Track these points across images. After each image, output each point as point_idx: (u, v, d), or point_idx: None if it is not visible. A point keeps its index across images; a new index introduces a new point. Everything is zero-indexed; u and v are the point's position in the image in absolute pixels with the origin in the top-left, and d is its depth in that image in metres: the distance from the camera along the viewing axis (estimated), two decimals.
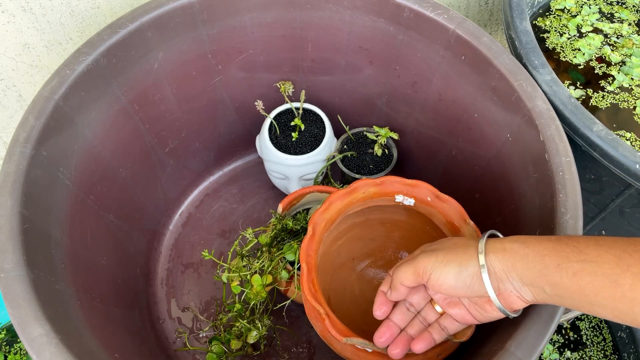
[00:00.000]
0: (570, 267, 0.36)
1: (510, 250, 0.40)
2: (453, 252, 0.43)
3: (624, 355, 0.81)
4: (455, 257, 0.42)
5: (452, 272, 0.42)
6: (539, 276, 0.38)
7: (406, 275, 0.45)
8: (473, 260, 0.41)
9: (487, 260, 0.40)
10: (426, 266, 0.43)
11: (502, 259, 0.40)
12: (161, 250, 0.78)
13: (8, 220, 0.47)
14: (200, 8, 0.62)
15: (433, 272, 0.43)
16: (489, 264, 0.40)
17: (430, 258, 0.43)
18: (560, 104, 0.57)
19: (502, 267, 0.40)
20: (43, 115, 0.52)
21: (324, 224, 0.55)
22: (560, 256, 0.37)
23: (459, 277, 0.41)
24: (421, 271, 0.44)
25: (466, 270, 0.41)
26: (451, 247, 0.44)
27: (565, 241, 0.38)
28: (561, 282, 0.37)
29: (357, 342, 0.49)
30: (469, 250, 0.42)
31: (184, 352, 0.70)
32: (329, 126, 0.74)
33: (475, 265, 0.41)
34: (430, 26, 0.61)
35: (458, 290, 0.42)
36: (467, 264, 0.41)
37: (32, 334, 0.42)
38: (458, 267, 0.42)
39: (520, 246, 0.40)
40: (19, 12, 0.65)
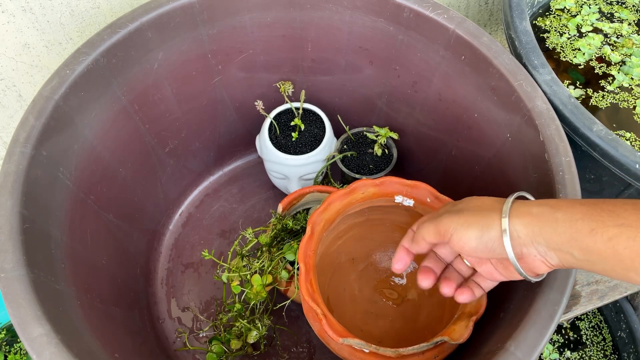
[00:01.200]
0: (606, 231, 0.35)
1: (538, 215, 0.39)
2: (477, 214, 0.42)
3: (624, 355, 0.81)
4: (478, 220, 0.41)
5: (473, 234, 0.41)
6: (569, 241, 0.37)
7: (429, 232, 0.44)
8: (495, 224, 0.40)
9: (511, 224, 0.39)
10: (448, 227, 0.42)
11: (528, 223, 0.39)
12: (161, 250, 0.78)
13: (8, 220, 0.47)
14: (200, 8, 0.62)
15: (455, 234, 0.42)
16: (512, 229, 0.39)
17: (453, 219, 0.42)
18: (560, 104, 0.57)
19: (527, 232, 0.39)
20: (43, 115, 0.52)
21: (322, 224, 0.55)
22: (595, 220, 0.36)
23: (480, 240, 0.41)
24: (443, 231, 0.43)
25: (488, 233, 0.40)
26: (475, 208, 0.43)
27: (600, 205, 0.37)
28: (594, 247, 0.36)
29: (353, 343, 0.49)
30: (493, 213, 0.41)
31: (184, 352, 0.70)
32: (329, 126, 0.74)
33: (497, 229, 0.40)
34: (430, 26, 0.61)
35: (479, 252, 0.41)
36: (489, 228, 0.40)
37: (32, 333, 0.42)
38: (480, 230, 0.40)
39: (550, 210, 0.38)
40: (19, 12, 0.65)
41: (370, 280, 0.66)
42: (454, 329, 0.49)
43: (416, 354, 0.50)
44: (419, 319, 0.62)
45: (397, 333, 0.62)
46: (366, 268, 0.67)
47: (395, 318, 0.63)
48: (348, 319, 0.62)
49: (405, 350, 0.49)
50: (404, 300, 0.64)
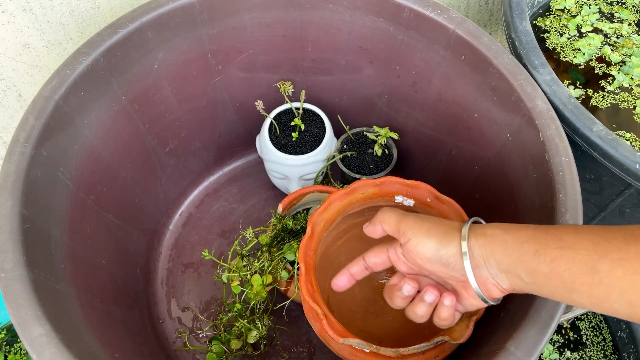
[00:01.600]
0: (549, 253, 0.36)
1: (491, 236, 0.40)
2: (437, 227, 0.43)
3: (624, 355, 0.81)
4: (438, 233, 0.42)
5: (431, 244, 0.42)
6: (516, 262, 0.38)
7: (389, 219, 0.45)
8: (454, 241, 0.41)
9: (469, 244, 0.40)
10: (408, 228, 0.43)
11: (482, 244, 0.40)
12: (161, 250, 0.78)
13: (8, 220, 0.47)
14: (200, 8, 0.62)
15: (413, 238, 0.43)
16: (470, 249, 0.40)
17: (416, 224, 0.43)
18: (560, 104, 0.57)
19: (481, 253, 0.40)
20: (43, 115, 0.52)
21: (322, 224, 0.55)
22: (538, 243, 0.37)
23: (437, 252, 0.42)
24: (403, 230, 0.44)
25: (445, 248, 0.41)
26: (437, 222, 0.44)
27: (544, 229, 0.38)
28: (539, 268, 0.37)
29: (354, 343, 0.49)
30: (452, 231, 0.42)
31: (184, 352, 0.70)
32: (329, 126, 0.74)
33: (456, 247, 0.41)
34: (430, 26, 0.61)
35: (433, 264, 0.42)
36: (447, 243, 0.41)
37: (32, 333, 0.42)
38: (438, 242, 0.42)
39: (501, 232, 0.40)
40: (19, 12, 0.65)
41: (371, 280, 0.66)
42: (455, 329, 0.49)
43: (417, 353, 0.50)
44: None
45: (397, 333, 0.62)
46: None
47: (395, 318, 0.63)
48: (348, 319, 0.62)
49: (405, 350, 0.49)
50: None
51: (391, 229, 0.45)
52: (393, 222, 0.45)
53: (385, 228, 0.46)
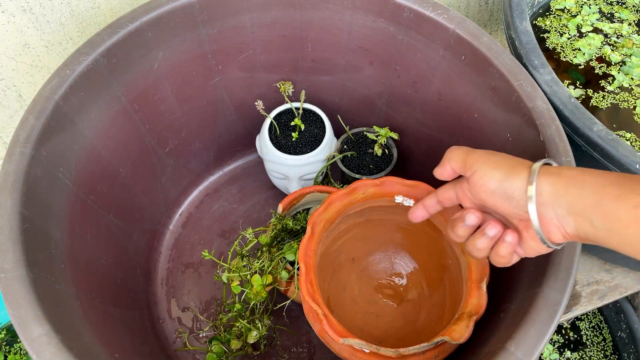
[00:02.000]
0: (632, 199, 0.35)
1: (566, 176, 0.38)
2: (506, 160, 0.42)
3: (624, 355, 0.81)
4: (505, 165, 0.41)
5: (496, 176, 0.41)
6: (592, 205, 0.36)
7: (457, 156, 0.45)
8: (522, 174, 0.40)
9: (538, 180, 0.39)
10: (475, 160, 0.43)
11: (554, 182, 0.38)
12: (161, 250, 0.78)
13: (8, 220, 0.47)
14: (200, 8, 0.62)
15: (479, 170, 0.42)
16: (538, 185, 0.39)
17: (483, 157, 0.43)
18: (560, 104, 0.57)
19: (551, 191, 0.38)
20: (43, 115, 0.52)
21: (322, 224, 0.55)
22: (623, 188, 0.35)
23: (501, 183, 0.40)
24: (470, 163, 0.43)
25: (510, 180, 0.40)
26: (505, 156, 0.43)
27: (629, 176, 0.36)
28: (617, 213, 0.35)
29: (354, 343, 0.49)
30: (520, 165, 0.41)
31: (184, 352, 0.70)
32: (329, 126, 0.74)
33: (522, 179, 0.40)
34: (430, 26, 0.61)
35: (496, 197, 0.41)
36: (513, 175, 0.40)
37: (32, 334, 0.42)
38: (505, 174, 0.40)
39: (579, 173, 0.38)
40: (19, 12, 0.65)
41: (371, 280, 0.66)
42: (455, 329, 0.49)
43: (417, 354, 0.50)
44: (419, 319, 0.62)
45: (397, 333, 0.62)
46: (366, 268, 0.67)
47: (395, 318, 0.63)
48: (348, 319, 0.62)
49: (405, 350, 0.49)
50: (404, 300, 0.64)
51: (458, 165, 0.45)
52: (460, 157, 0.44)
53: (453, 165, 0.45)
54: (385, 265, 0.67)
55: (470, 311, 0.50)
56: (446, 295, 0.61)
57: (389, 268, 0.66)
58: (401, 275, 0.66)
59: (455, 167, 0.45)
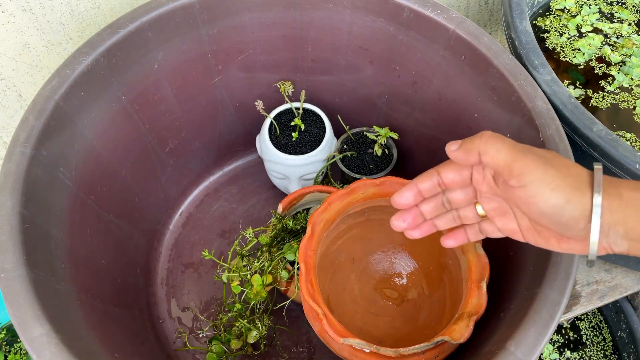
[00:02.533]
0: None
1: (627, 200, 0.34)
2: (564, 178, 0.34)
3: (624, 355, 0.81)
4: (565, 187, 0.34)
5: (554, 201, 0.34)
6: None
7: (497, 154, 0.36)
8: (583, 200, 0.34)
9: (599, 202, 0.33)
10: (527, 172, 0.35)
11: (615, 208, 0.34)
12: (161, 250, 0.78)
13: (8, 220, 0.47)
14: (200, 8, 0.62)
15: (531, 185, 0.35)
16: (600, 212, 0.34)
17: (539, 168, 0.35)
18: (560, 104, 0.57)
19: (610, 219, 0.34)
20: (43, 115, 0.52)
21: (322, 224, 0.55)
22: None
23: (559, 210, 0.34)
24: (518, 171, 0.35)
25: (572, 208, 0.34)
26: (564, 170, 0.35)
27: None
28: None
29: (354, 343, 0.49)
30: (581, 185, 0.34)
31: (184, 352, 0.70)
32: (329, 126, 0.74)
33: (583, 209, 0.34)
34: (430, 26, 0.61)
35: (544, 219, 0.35)
36: (575, 203, 0.34)
37: (32, 333, 0.42)
38: (565, 201, 0.34)
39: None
40: (19, 12, 0.65)
41: (371, 280, 0.66)
42: (455, 328, 0.49)
43: (417, 353, 0.50)
44: (419, 318, 0.62)
45: (397, 333, 0.62)
46: (366, 268, 0.67)
47: (395, 318, 0.63)
48: (348, 319, 0.62)
49: (405, 350, 0.49)
50: (404, 300, 0.64)
51: (497, 163, 0.36)
52: (503, 156, 0.36)
53: (487, 160, 0.37)
54: (385, 265, 0.67)
55: (470, 311, 0.50)
56: (446, 295, 0.61)
57: (389, 268, 0.66)
58: (401, 275, 0.66)
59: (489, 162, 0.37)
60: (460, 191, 0.42)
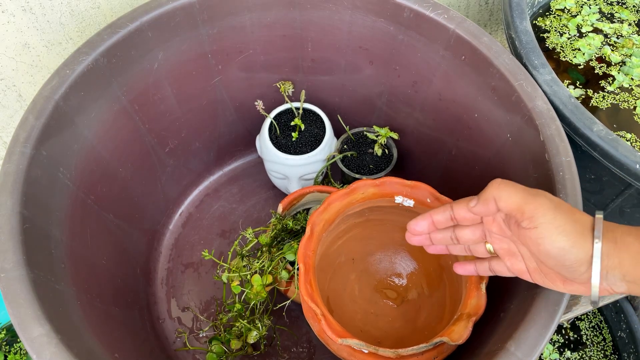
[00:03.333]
0: None
1: (622, 244, 0.36)
2: (571, 223, 0.37)
3: (624, 355, 0.81)
4: (573, 232, 0.36)
5: (561, 244, 0.36)
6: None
7: (509, 198, 0.38)
8: (586, 246, 0.36)
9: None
10: (538, 215, 0.37)
11: (611, 253, 0.36)
12: (161, 250, 0.78)
13: (8, 220, 0.47)
14: (200, 8, 0.62)
15: (541, 228, 0.37)
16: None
17: (550, 211, 0.37)
18: (560, 104, 0.57)
19: (607, 263, 0.36)
20: (43, 115, 0.52)
21: (322, 224, 0.55)
22: None
23: (562, 252, 0.37)
24: (529, 213, 0.37)
25: (574, 251, 0.36)
26: (569, 215, 0.37)
27: None
28: None
29: (353, 343, 0.49)
30: (586, 232, 0.37)
31: (184, 352, 0.70)
32: (329, 126, 0.74)
33: (585, 253, 0.36)
34: (430, 26, 0.61)
35: (550, 260, 0.38)
36: (578, 247, 0.36)
37: (32, 333, 0.42)
38: (570, 244, 0.36)
39: (634, 242, 0.35)
40: (19, 12, 0.65)
41: (370, 280, 0.66)
42: (454, 329, 0.49)
43: (415, 354, 0.50)
44: (419, 319, 0.62)
45: (396, 333, 0.62)
46: (366, 268, 0.67)
47: (395, 318, 0.63)
48: (348, 319, 0.62)
49: (404, 351, 0.49)
50: (403, 301, 0.64)
51: (510, 207, 0.38)
52: (515, 202, 0.38)
53: (502, 206, 0.39)
54: (385, 265, 0.67)
55: (469, 312, 0.50)
56: (446, 295, 0.61)
57: (388, 268, 0.66)
58: (401, 275, 0.66)
59: (504, 207, 0.39)
60: (469, 230, 0.45)
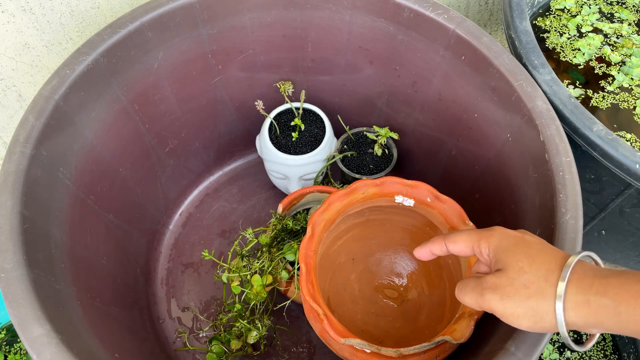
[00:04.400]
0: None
1: (596, 307, 0.36)
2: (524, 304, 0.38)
3: (624, 355, 0.81)
4: (526, 313, 0.38)
5: (524, 325, 0.38)
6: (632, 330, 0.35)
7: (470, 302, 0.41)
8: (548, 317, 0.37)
9: (565, 316, 0.37)
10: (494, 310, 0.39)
11: (585, 316, 0.36)
12: (161, 250, 0.78)
13: (8, 220, 0.47)
14: (200, 8, 0.62)
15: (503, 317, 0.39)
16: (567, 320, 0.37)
17: (498, 306, 0.39)
18: (560, 104, 0.57)
19: (585, 322, 0.36)
20: (43, 115, 0.52)
21: (323, 224, 0.55)
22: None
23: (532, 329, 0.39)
24: (489, 310, 0.40)
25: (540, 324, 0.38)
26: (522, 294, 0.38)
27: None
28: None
29: (355, 343, 0.49)
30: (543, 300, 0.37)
31: (184, 352, 0.70)
32: (329, 126, 0.74)
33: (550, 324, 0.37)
34: (430, 26, 0.61)
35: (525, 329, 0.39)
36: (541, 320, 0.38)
37: (32, 333, 0.42)
38: (532, 323, 0.38)
39: (611, 303, 0.35)
40: (19, 12, 0.65)
41: (371, 280, 0.66)
42: (455, 328, 0.49)
43: (418, 353, 0.50)
44: (420, 318, 0.62)
45: (397, 333, 0.62)
46: (366, 268, 0.67)
47: (395, 318, 0.63)
48: (348, 320, 0.62)
49: (406, 350, 0.49)
50: (404, 300, 0.64)
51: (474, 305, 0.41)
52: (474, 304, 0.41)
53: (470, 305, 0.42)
54: (386, 265, 0.67)
55: (471, 311, 0.50)
56: (446, 294, 0.61)
57: (389, 268, 0.66)
58: (401, 275, 0.66)
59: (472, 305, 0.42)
60: None
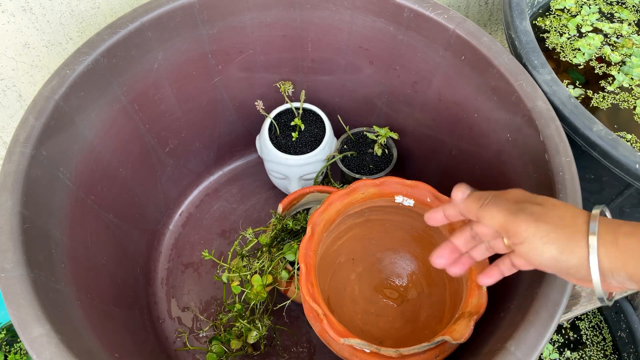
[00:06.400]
0: None
1: (624, 247, 0.35)
2: (558, 229, 0.37)
3: (624, 355, 0.81)
4: (560, 238, 0.37)
5: (550, 253, 0.37)
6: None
7: (493, 221, 0.40)
8: (578, 251, 0.36)
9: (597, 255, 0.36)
10: (522, 232, 0.38)
11: (613, 256, 0.36)
12: (161, 250, 0.78)
13: (8, 220, 0.47)
14: (200, 8, 0.62)
15: (527, 243, 0.37)
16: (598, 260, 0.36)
17: (531, 224, 0.37)
18: (560, 104, 0.57)
19: (610, 266, 0.36)
20: (43, 115, 0.52)
21: (323, 224, 0.55)
22: None
23: (555, 262, 0.37)
24: (513, 232, 0.38)
25: (567, 257, 0.36)
26: (557, 222, 0.37)
27: None
28: None
29: (355, 343, 0.49)
30: (575, 235, 0.36)
31: (184, 352, 0.70)
32: (329, 126, 0.74)
33: (579, 258, 0.36)
34: (430, 26, 0.61)
35: (549, 269, 0.38)
36: (570, 252, 0.36)
37: (32, 333, 0.42)
38: (560, 252, 0.36)
39: (637, 242, 0.35)
40: (19, 12, 0.65)
41: (371, 280, 0.66)
42: (455, 328, 0.49)
43: (417, 353, 0.50)
44: (419, 318, 0.62)
45: (397, 333, 0.62)
46: (366, 268, 0.67)
47: (395, 318, 0.63)
48: (348, 319, 0.62)
49: (406, 350, 0.49)
50: (404, 300, 0.64)
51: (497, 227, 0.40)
52: (497, 221, 0.39)
53: (486, 231, 0.41)
54: (386, 265, 0.67)
55: (470, 311, 0.50)
56: (446, 294, 0.61)
57: (389, 268, 0.66)
58: (401, 275, 0.66)
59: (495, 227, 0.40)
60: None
